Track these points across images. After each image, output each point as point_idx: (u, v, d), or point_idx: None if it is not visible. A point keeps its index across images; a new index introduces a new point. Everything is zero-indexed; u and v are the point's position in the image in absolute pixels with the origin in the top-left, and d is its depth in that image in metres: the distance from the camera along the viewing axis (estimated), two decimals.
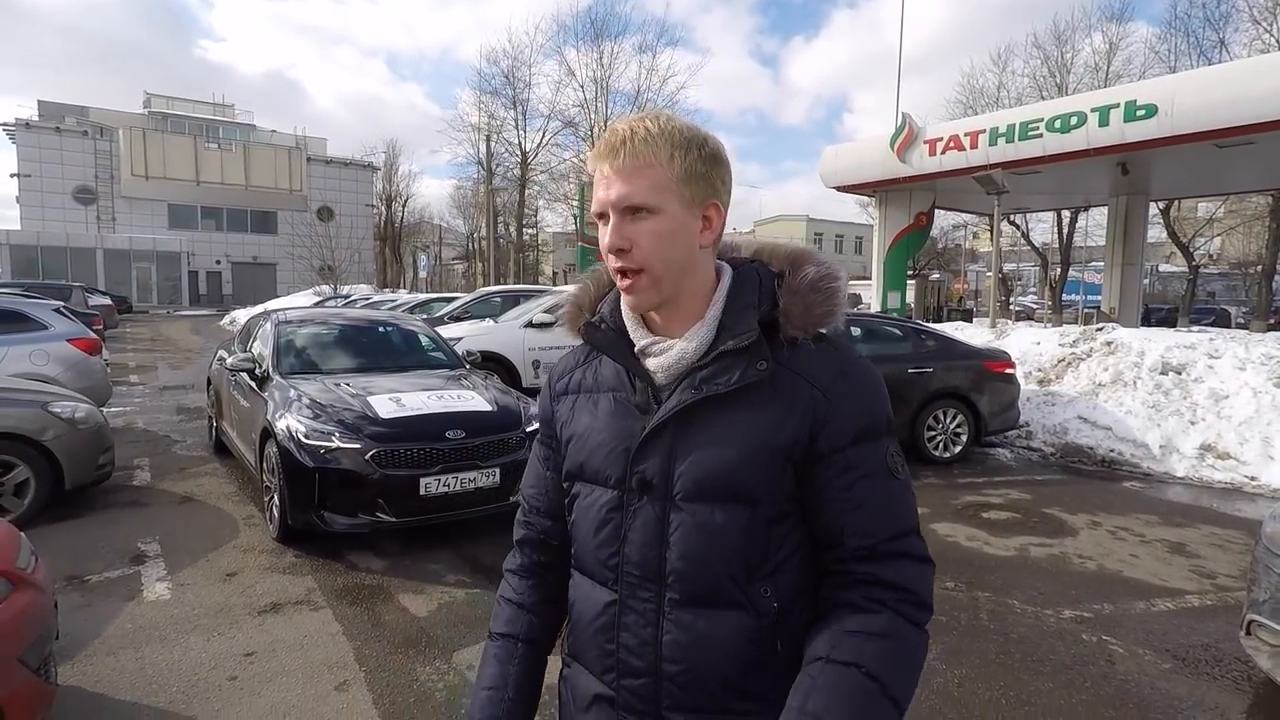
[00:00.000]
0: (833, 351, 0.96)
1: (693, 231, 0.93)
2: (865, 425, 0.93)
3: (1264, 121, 10.17)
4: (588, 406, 1.04)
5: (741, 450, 0.91)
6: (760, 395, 0.92)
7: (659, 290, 0.93)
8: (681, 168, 0.91)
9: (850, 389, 0.93)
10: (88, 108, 45.18)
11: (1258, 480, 6.37)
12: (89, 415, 5.19)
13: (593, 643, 1.02)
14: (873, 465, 0.93)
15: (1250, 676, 3.17)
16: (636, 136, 0.90)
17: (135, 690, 2.90)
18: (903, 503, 0.95)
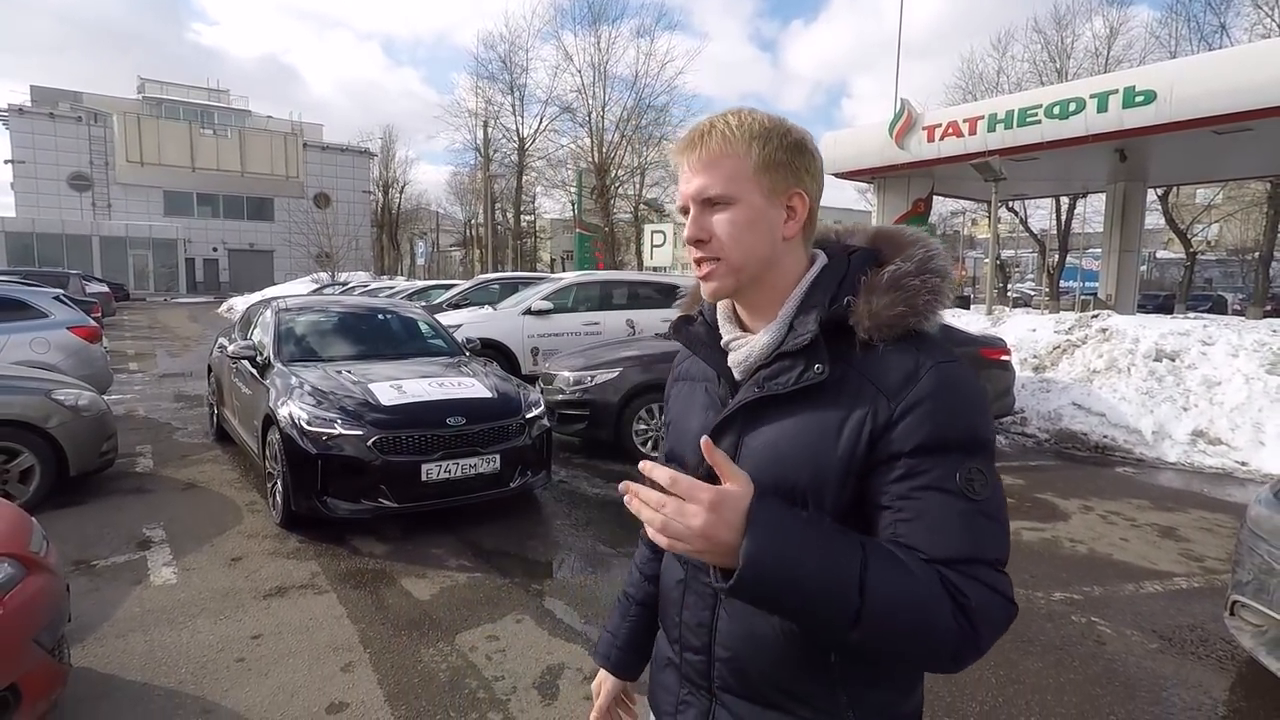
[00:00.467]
0: (912, 351, 0.88)
1: (774, 222, 0.93)
2: (933, 435, 0.85)
3: (1263, 108, 10.17)
4: (687, 394, 1.09)
5: (794, 452, 0.90)
6: (822, 398, 0.90)
7: (736, 278, 0.94)
8: (759, 157, 0.91)
9: (921, 395, 0.86)
10: (81, 93, 44.81)
11: (1248, 465, 6.45)
12: (92, 403, 5.24)
13: (667, 614, 1.09)
14: (938, 478, 0.84)
15: (1234, 655, 3.25)
16: (715, 130, 0.92)
17: (145, 671, 2.97)
18: (974, 526, 0.84)
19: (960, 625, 0.80)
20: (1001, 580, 0.84)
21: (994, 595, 0.83)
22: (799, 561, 0.78)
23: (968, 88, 29.79)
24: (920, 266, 0.92)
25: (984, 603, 0.82)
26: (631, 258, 34.45)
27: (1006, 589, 0.84)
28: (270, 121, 49.06)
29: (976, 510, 0.84)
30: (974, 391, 0.90)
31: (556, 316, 10.14)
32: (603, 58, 34.33)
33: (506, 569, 4.10)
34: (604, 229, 32.39)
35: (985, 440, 0.88)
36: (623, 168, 35.18)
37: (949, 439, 0.85)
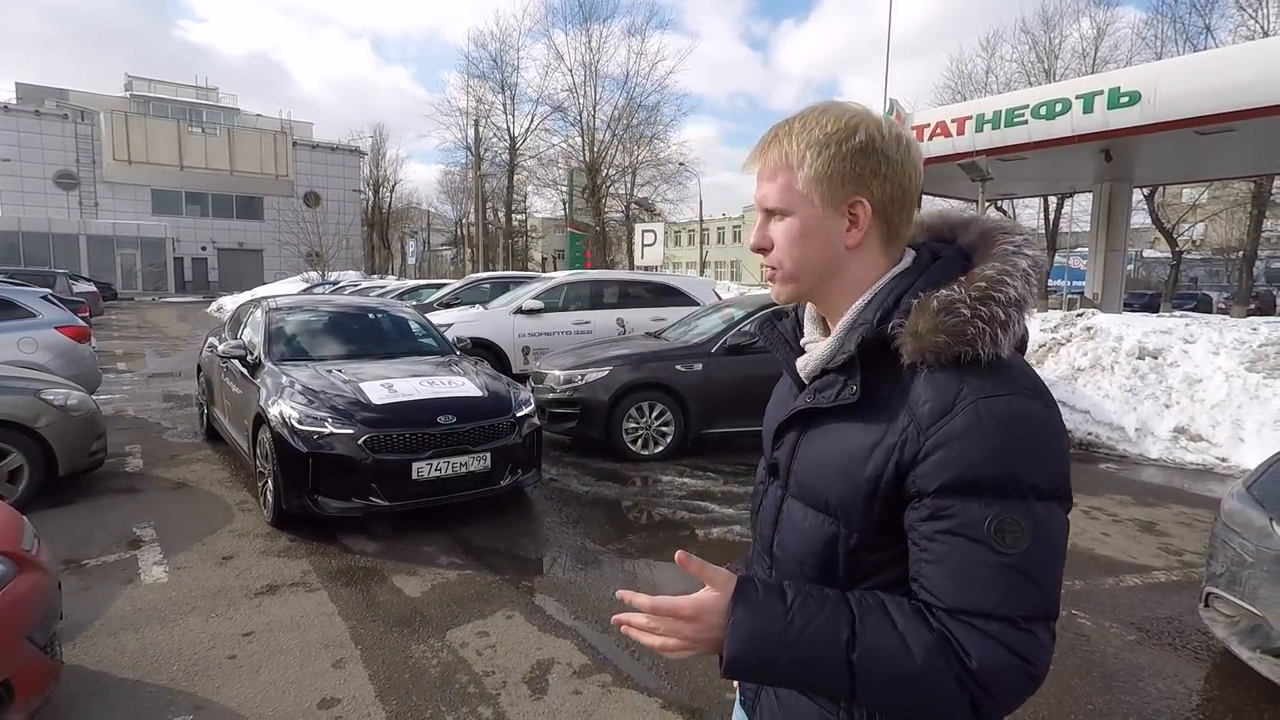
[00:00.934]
0: (955, 383, 0.82)
1: (834, 232, 0.90)
2: (961, 477, 0.79)
3: (1245, 109, 10.28)
4: (779, 387, 1.11)
5: (830, 466, 0.91)
6: (859, 418, 0.88)
7: (796, 286, 0.94)
8: (814, 168, 0.89)
9: (953, 432, 0.80)
10: (67, 90, 44.42)
11: (1228, 461, 6.55)
12: (81, 402, 5.23)
13: None
14: (962, 524, 0.79)
15: (1209, 647, 3.32)
16: (777, 139, 0.92)
17: (137, 669, 2.99)
18: (998, 580, 0.78)
19: (967, 689, 0.77)
20: (1022, 640, 0.78)
21: (1007, 655, 0.77)
22: (778, 655, 0.82)
23: (957, 88, 30.02)
24: (982, 293, 0.84)
25: (991, 663, 0.77)
26: (623, 257, 34.46)
27: (1025, 649, 0.78)
28: (260, 120, 48.79)
29: (1003, 563, 0.78)
30: (1026, 430, 0.81)
31: (547, 315, 10.17)
32: (594, 57, 34.39)
33: (497, 566, 4.14)
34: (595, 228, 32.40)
35: (1031, 485, 0.79)
36: (614, 167, 35.22)
37: (978, 482, 0.79)
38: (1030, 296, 0.87)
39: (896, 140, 0.90)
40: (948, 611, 0.80)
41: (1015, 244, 0.90)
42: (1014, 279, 0.86)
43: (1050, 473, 0.81)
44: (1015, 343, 0.86)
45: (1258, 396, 7.00)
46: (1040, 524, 0.80)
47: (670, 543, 4.60)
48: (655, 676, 3.01)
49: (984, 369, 0.83)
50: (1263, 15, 21.69)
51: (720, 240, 63.17)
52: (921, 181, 0.94)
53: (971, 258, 0.92)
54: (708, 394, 6.57)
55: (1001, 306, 0.84)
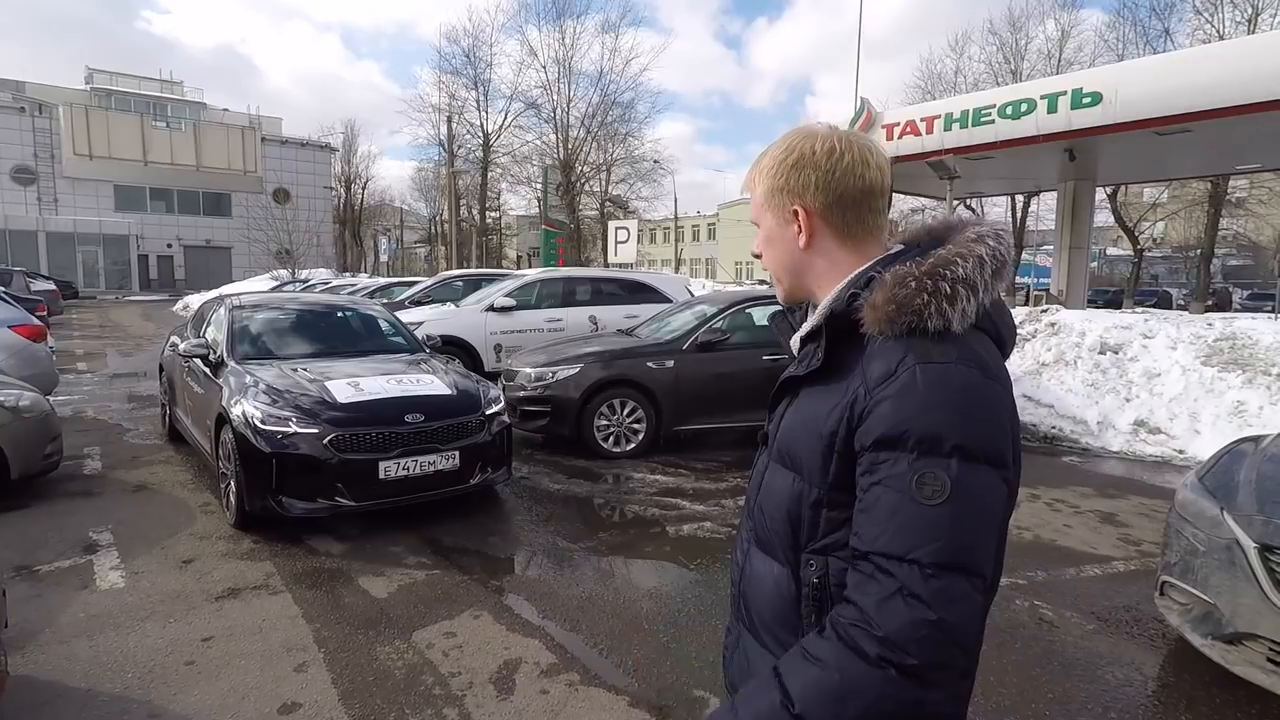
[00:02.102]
0: (901, 350, 0.89)
1: (788, 237, 1.05)
2: (891, 431, 0.85)
3: (1201, 110, 10.57)
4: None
5: (798, 427, 1.01)
6: (826, 383, 0.98)
7: (782, 286, 1.10)
8: (763, 189, 1.06)
9: (892, 391, 0.87)
10: (24, 82, 43.08)
11: (1185, 453, 6.73)
12: (34, 403, 5.08)
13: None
14: (889, 475, 0.85)
15: (1164, 634, 3.40)
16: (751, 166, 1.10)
17: (89, 678, 2.90)
18: (917, 525, 0.82)
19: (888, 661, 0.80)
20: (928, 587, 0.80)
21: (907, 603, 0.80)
22: None
23: (926, 87, 30.46)
24: (931, 268, 0.91)
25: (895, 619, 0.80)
26: (598, 254, 34.40)
27: (929, 596, 0.80)
28: (227, 115, 47.78)
29: (920, 513, 0.82)
30: (956, 394, 0.86)
31: (519, 313, 10.11)
32: (568, 53, 34.26)
33: (466, 566, 4.10)
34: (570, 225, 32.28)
35: (955, 445, 0.83)
36: (588, 164, 35.13)
37: (905, 437, 0.84)
38: (982, 279, 0.92)
39: (829, 153, 1.00)
40: (864, 555, 0.85)
41: (977, 233, 0.97)
42: (966, 260, 0.92)
43: (979, 436, 0.86)
44: (969, 320, 0.91)
45: (1213, 390, 7.20)
46: (962, 482, 0.83)
47: (641, 540, 4.60)
48: (623, 674, 3.00)
49: (930, 339, 0.89)
50: (1219, 19, 22.34)
51: (695, 238, 63.35)
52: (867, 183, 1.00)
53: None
54: (679, 391, 6.57)
55: (948, 282, 0.90)
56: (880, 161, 1.01)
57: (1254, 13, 22.06)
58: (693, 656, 3.13)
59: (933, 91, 29.42)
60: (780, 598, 1.02)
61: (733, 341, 6.83)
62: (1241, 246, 35.50)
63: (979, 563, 0.83)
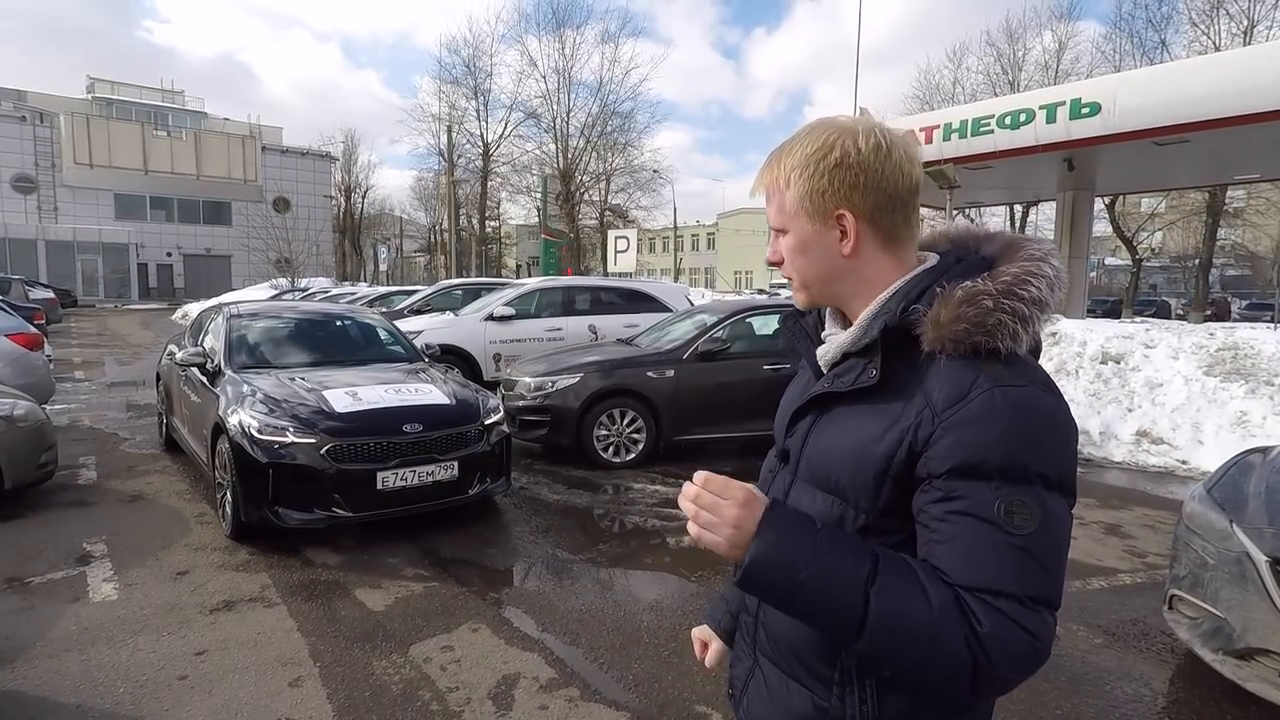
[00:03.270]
0: (972, 371, 0.85)
1: (828, 243, 0.95)
2: (972, 460, 0.82)
3: (1199, 121, 10.60)
4: (797, 377, 1.15)
5: (843, 448, 0.94)
6: (877, 401, 0.92)
7: (807, 294, 1.02)
8: (798, 188, 0.95)
9: (966, 417, 0.83)
10: (25, 91, 43.20)
11: (1188, 464, 6.69)
12: (29, 413, 5.03)
13: None
14: (973, 505, 0.81)
15: (1173, 649, 3.36)
16: (770, 164, 0.99)
17: (80, 693, 2.85)
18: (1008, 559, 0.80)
19: (973, 653, 0.77)
20: (1029, 616, 0.78)
21: (1015, 628, 0.78)
22: (800, 568, 0.82)
23: (925, 98, 30.61)
24: (1007, 288, 0.87)
25: (1001, 633, 0.78)
26: (597, 263, 34.44)
27: (1033, 625, 0.78)
28: (228, 124, 47.90)
29: (1011, 544, 0.80)
30: (1038, 421, 0.83)
31: (519, 322, 10.08)
32: (567, 63, 34.43)
33: (464, 577, 4.05)
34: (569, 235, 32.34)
35: (1039, 473, 0.81)
36: (588, 173, 35.25)
37: (989, 465, 0.81)
38: (1051, 302, 0.90)
39: (875, 150, 0.92)
40: (960, 589, 0.80)
41: (1042, 251, 0.94)
42: (1038, 280, 0.89)
43: (1058, 464, 0.84)
44: (1031, 344, 0.89)
45: (1215, 400, 7.17)
46: (1047, 511, 0.82)
47: (642, 551, 4.55)
48: (624, 689, 2.95)
49: (1001, 361, 0.86)
50: (1215, 31, 22.50)
51: (694, 247, 63.45)
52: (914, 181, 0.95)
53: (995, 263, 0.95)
54: (680, 401, 6.54)
55: (1024, 303, 0.87)
56: (919, 155, 0.96)
57: (1250, 24, 22.21)
58: (695, 670, 3.08)
59: (931, 102, 29.58)
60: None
61: (733, 351, 6.80)
62: (1240, 256, 35.59)
63: (1060, 593, 0.84)
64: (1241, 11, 22.28)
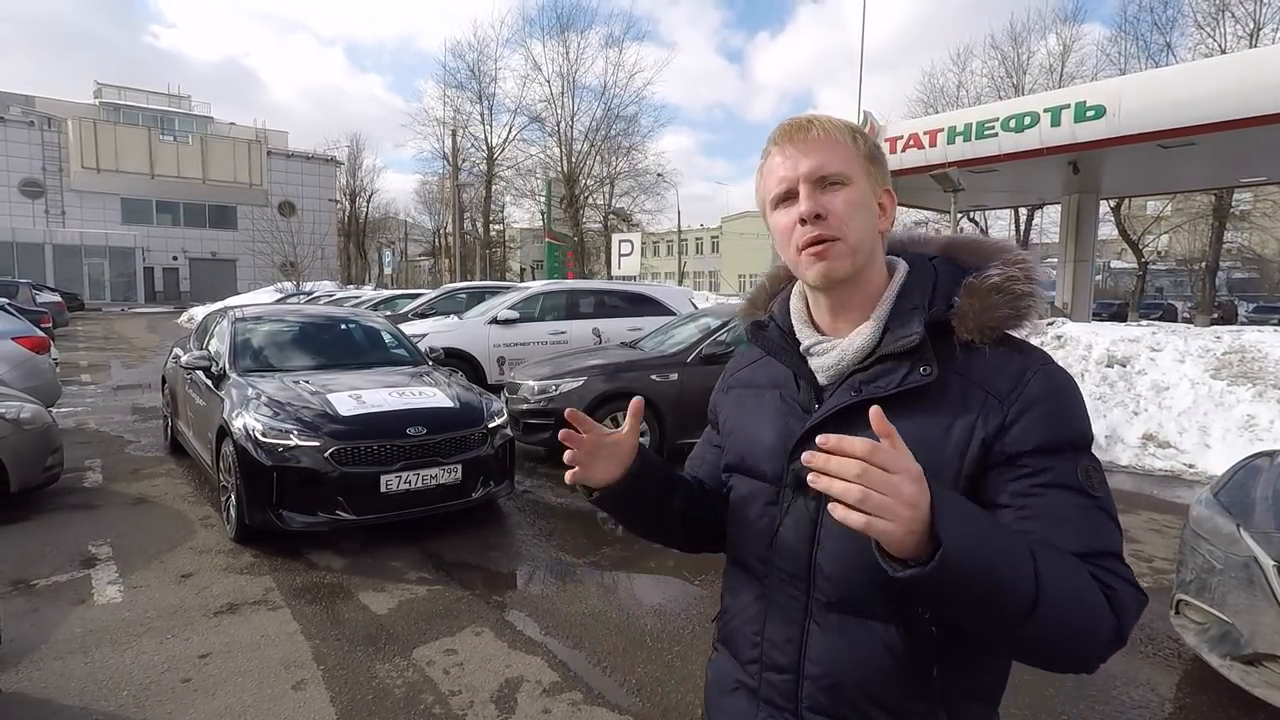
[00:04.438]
0: (1016, 355, 0.89)
1: (875, 211, 0.94)
2: (1051, 435, 0.85)
3: (1204, 124, 10.56)
4: (753, 402, 1.06)
5: None
6: (926, 401, 0.88)
7: (853, 260, 0.92)
8: (864, 148, 0.93)
9: (1033, 397, 0.86)
10: (34, 97, 43.54)
11: (1195, 468, 6.65)
12: (35, 415, 5.05)
13: (740, 632, 1.04)
14: (1059, 476, 0.84)
15: (1180, 654, 3.33)
16: (819, 120, 0.94)
17: (84, 695, 2.85)
18: (1098, 520, 0.84)
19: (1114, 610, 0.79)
20: (1128, 571, 0.83)
21: (1126, 584, 0.82)
22: (988, 546, 0.74)
23: (929, 101, 30.57)
24: (1015, 273, 0.91)
25: (1123, 591, 0.80)
26: (601, 267, 34.48)
27: (1133, 578, 0.84)
28: (234, 128, 48.17)
29: (1096, 505, 0.84)
30: (1077, 391, 0.90)
31: (522, 325, 10.09)
32: (571, 68, 34.51)
33: (467, 581, 4.04)
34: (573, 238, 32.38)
35: (1089, 438, 0.89)
36: (592, 177, 35.31)
37: (1065, 438, 0.86)
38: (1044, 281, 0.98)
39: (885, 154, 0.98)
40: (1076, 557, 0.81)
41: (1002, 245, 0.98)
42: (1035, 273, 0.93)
43: (1091, 428, 0.91)
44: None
45: (1222, 403, 7.13)
46: (1102, 470, 0.89)
47: (645, 554, 4.54)
48: (627, 694, 2.94)
49: (1028, 345, 0.92)
50: (1220, 34, 22.43)
51: (699, 250, 63.46)
52: None
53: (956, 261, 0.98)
54: (683, 404, 6.53)
55: (1038, 284, 0.92)
56: None
57: (1256, 27, 22.15)
58: (698, 675, 3.07)
59: (935, 105, 29.54)
60: (897, 660, 0.88)
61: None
62: (1246, 259, 35.43)
63: None
64: (1247, 14, 22.23)
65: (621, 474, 1.00)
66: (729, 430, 1.09)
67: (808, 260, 0.92)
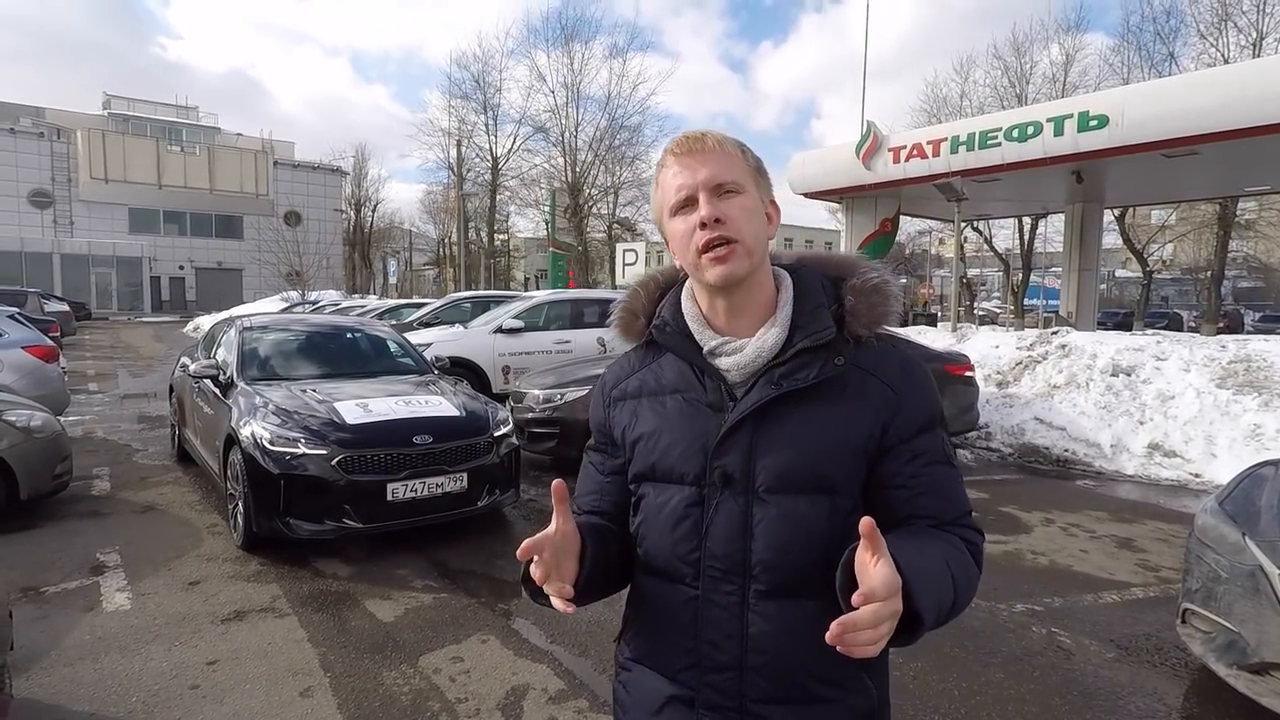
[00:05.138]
0: (893, 349, 1.02)
1: (764, 219, 1.00)
2: (928, 417, 1.00)
3: (1207, 133, 10.59)
4: (652, 409, 1.06)
5: (821, 443, 0.95)
6: (834, 391, 0.97)
7: (750, 261, 0.97)
8: (753, 161, 1.01)
9: (915, 384, 1.00)
10: (43, 108, 43.96)
11: (1201, 477, 6.63)
12: (45, 424, 5.09)
13: (668, 642, 1.03)
14: (935, 453, 0.99)
15: (1187, 663, 3.32)
16: (712, 133, 1.00)
17: (94, 701, 2.87)
18: (960, 487, 1.02)
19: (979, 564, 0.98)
20: (975, 522, 1.01)
21: (978, 534, 1.00)
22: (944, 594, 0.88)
23: (932, 110, 30.60)
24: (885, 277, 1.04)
25: (978, 543, 0.99)
26: (606, 276, 34.55)
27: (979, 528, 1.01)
28: (240, 139, 48.53)
29: (957, 474, 1.02)
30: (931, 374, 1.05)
31: (527, 334, 10.12)
32: (575, 78, 34.66)
33: (473, 589, 4.06)
34: (578, 248, 32.47)
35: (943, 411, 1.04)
36: (596, 187, 35.41)
37: (934, 417, 1.01)
38: None
39: None
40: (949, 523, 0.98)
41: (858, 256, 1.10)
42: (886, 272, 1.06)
43: None
44: None
45: (1228, 412, 7.12)
46: None
47: None
48: None
49: (897, 338, 1.05)
50: (1223, 43, 22.46)
51: None
52: None
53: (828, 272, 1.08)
54: None
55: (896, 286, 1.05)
56: None
57: (1258, 36, 22.18)
58: None
59: (938, 115, 29.58)
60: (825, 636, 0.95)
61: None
62: (1252, 268, 35.35)
63: None
64: (1250, 24, 22.25)
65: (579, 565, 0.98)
66: (632, 440, 1.07)
67: (709, 262, 0.97)
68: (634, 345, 1.15)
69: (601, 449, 1.15)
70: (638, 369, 1.12)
